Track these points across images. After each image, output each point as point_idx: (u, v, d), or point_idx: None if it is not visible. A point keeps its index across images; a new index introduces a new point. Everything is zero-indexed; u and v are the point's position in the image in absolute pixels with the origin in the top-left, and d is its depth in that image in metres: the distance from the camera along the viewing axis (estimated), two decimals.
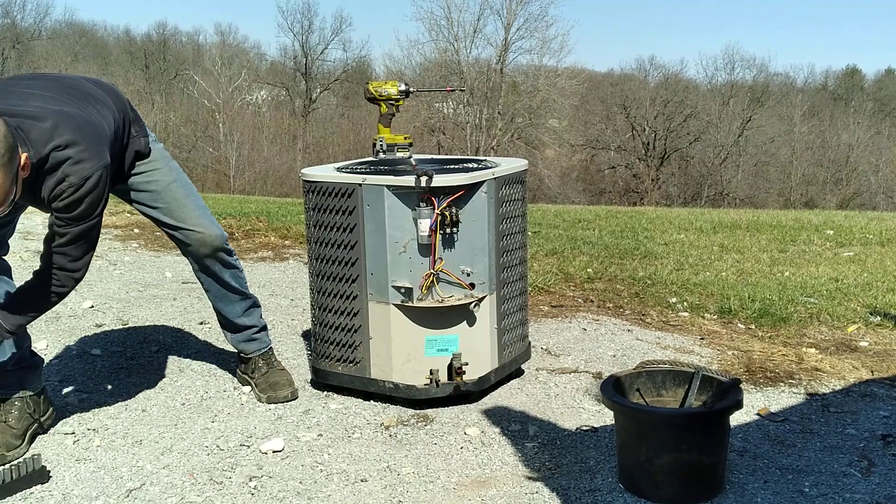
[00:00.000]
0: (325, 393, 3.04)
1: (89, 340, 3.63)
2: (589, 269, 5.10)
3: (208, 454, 2.56)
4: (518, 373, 3.21)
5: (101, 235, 2.53)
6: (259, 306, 3.07)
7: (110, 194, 2.43)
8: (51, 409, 2.71)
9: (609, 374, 2.64)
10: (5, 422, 2.56)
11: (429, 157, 3.39)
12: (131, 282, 4.71)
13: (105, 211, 2.41)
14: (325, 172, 2.92)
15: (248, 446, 2.61)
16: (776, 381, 3.19)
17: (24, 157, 2.14)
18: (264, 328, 3.09)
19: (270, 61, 42.04)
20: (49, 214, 2.43)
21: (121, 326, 3.87)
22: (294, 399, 2.97)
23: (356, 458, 2.53)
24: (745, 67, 40.85)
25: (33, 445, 2.60)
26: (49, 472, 2.39)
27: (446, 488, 2.35)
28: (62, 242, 2.37)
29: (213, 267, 2.85)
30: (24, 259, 5.09)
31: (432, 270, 2.76)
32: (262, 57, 42.79)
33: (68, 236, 2.35)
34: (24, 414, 2.60)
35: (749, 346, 3.62)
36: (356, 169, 2.92)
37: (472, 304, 2.83)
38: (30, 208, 2.53)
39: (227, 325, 3.00)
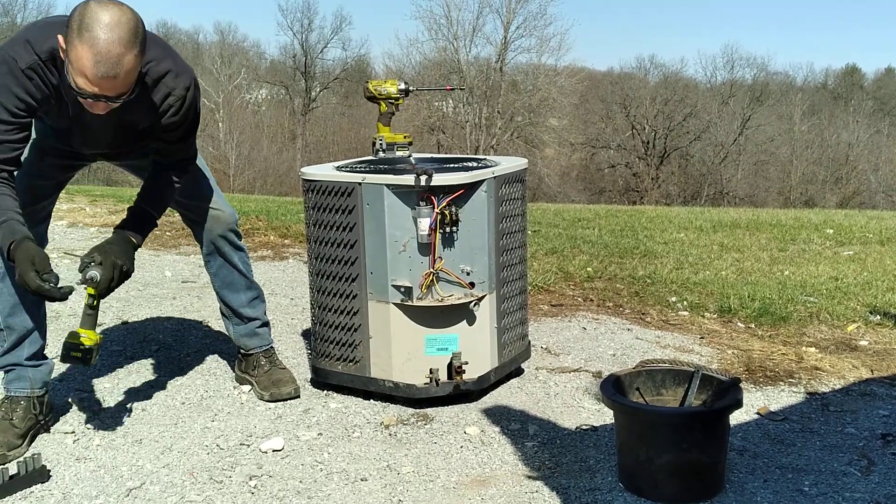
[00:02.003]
0: (325, 392, 3.04)
1: None
2: (589, 268, 5.10)
3: (208, 453, 2.56)
4: (518, 372, 3.21)
5: (99, 234, 2.55)
6: (264, 301, 3.08)
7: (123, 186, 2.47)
8: (51, 411, 2.71)
9: (609, 373, 2.64)
10: (10, 420, 2.56)
11: (428, 155, 3.39)
12: (131, 281, 4.67)
13: (104, 210, 2.43)
14: (324, 171, 2.91)
15: (248, 445, 2.61)
16: (776, 380, 3.19)
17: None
18: (267, 324, 3.09)
19: (270, 60, 42.09)
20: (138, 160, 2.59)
21: (120, 325, 3.87)
22: (297, 397, 2.97)
23: (356, 457, 2.53)
24: (744, 66, 40.92)
25: (33, 445, 2.60)
26: (49, 471, 2.39)
27: (446, 487, 2.35)
28: (181, 163, 2.56)
29: (224, 248, 2.87)
30: None
31: (432, 269, 2.76)
32: (262, 56, 42.82)
33: (184, 152, 2.53)
34: (28, 414, 2.60)
35: (749, 345, 3.62)
36: (356, 168, 2.92)
37: (472, 304, 2.83)
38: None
39: (232, 314, 3.00)
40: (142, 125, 2.44)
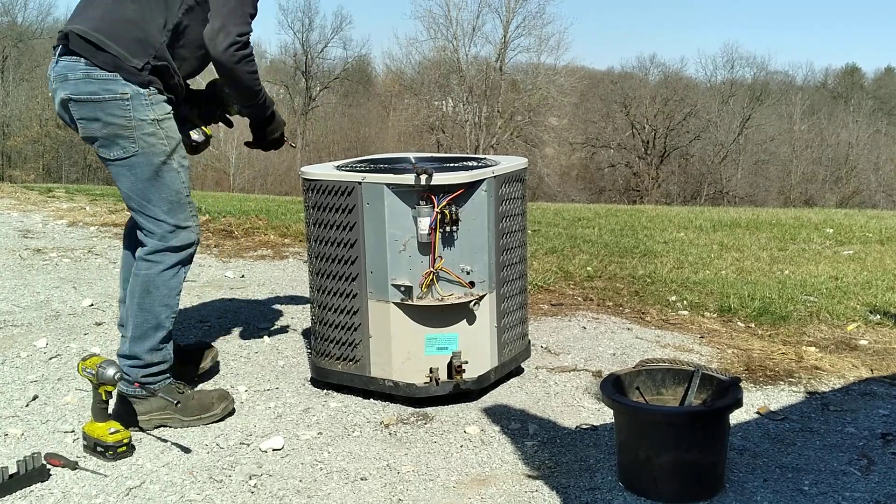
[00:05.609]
0: (325, 391, 3.04)
1: (89, 339, 3.63)
2: (588, 268, 5.10)
3: (208, 452, 2.56)
4: (518, 371, 3.21)
5: (99, 234, 2.55)
6: None
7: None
8: None
9: (609, 373, 2.64)
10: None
11: (428, 155, 3.39)
12: None
13: (104, 209, 2.45)
14: (324, 171, 2.91)
15: (248, 444, 2.61)
16: (776, 379, 3.19)
17: None
18: None
19: (270, 59, 42.04)
20: None
21: (120, 325, 3.86)
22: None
23: (356, 456, 2.53)
24: (744, 66, 40.99)
25: (33, 444, 2.60)
26: (49, 469, 2.39)
27: (446, 486, 2.35)
28: None
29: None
30: (24, 258, 5.09)
31: (432, 269, 2.76)
32: (262, 55, 42.76)
33: None
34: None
35: (749, 344, 3.63)
36: (356, 167, 2.92)
37: (472, 303, 2.83)
38: None
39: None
40: None
